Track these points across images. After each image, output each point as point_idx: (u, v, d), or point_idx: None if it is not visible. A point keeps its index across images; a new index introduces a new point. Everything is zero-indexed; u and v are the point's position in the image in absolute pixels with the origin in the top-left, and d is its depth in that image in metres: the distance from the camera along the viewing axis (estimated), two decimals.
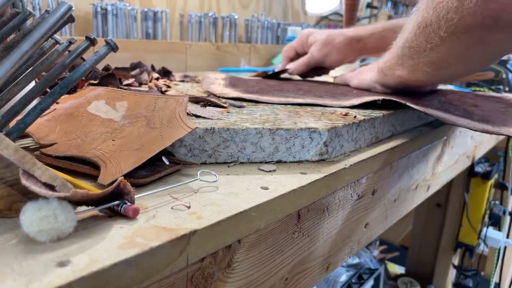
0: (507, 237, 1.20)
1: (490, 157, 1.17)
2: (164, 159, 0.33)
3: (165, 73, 0.75)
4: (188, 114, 0.40)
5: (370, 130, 0.46)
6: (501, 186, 1.19)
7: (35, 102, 0.31)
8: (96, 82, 0.54)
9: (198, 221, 0.25)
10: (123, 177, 0.25)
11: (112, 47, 0.32)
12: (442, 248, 1.15)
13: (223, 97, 0.53)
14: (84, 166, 0.32)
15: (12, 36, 0.33)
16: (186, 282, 0.25)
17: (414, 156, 0.55)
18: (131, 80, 0.62)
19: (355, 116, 0.45)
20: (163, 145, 0.31)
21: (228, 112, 0.44)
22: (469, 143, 0.81)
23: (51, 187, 0.23)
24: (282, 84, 0.69)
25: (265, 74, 0.83)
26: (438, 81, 0.57)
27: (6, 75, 0.26)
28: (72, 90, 0.50)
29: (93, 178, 0.31)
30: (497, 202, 1.25)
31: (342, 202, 0.41)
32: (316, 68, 0.81)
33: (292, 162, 0.38)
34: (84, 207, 0.25)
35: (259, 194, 0.30)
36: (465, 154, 0.81)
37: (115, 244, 0.22)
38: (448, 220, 1.12)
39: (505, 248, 1.16)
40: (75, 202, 0.23)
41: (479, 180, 1.06)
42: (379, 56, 0.59)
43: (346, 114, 0.46)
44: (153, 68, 0.78)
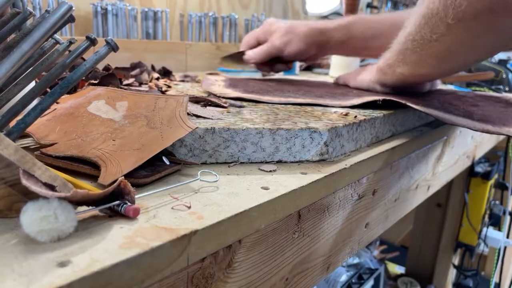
0: (507, 237, 1.20)
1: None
2: (165, 159, 0.33)
3: (165, 73, 0.75)
4: (189, 114, 0.40)
5: (371, 130, 0.46)
6: (501, 186, 1.19)
7: (35, 102, 0.31)
8: (96, 82, 0.54)
9: (199, 221, 0.25)
10: (124, 177, 0.25)
11: (112, 47, 0.32)
12: (442, 248, 1.15)
13: (223, 97, 0.53)
14: (84, 166, 0.31)
15: (12, 36, 0.33)
16: (187, 282, 0.25)
17: (414, 156, 0.55)
18: (131, 80, 0.62)
19: (356, 116, 0.45)
20: (164, 145, 0.31)
21: (229, 112, 0.44)
22: (469, 143, 0.81)
23: (52, 187, 0.23)
24: (282, 84, 0.69)
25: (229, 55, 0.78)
26: (440, 75, 0.57)
27: (6, 75, 0.26)
28: (72, 90, 0.50)
29: (93, 178, 0.31)
30: (497, 202, 1.25)
31: (343, 202, 0.41)
32: (274, 63, 0.75)
33: (293, 162, 0.38)
34: (85, 207, 0.25)
35: (260, 194, 0.30)
36: (465, 154, 0.81)
37: (116, 244, 0.22)
38: (448, 220, 1.12)
39: (505, 248, 1.16)
40: (76, 202, 0.23)
41: (479, 180, 1.06)
42: (347, 55, 0.57)
43: (347, 114, 0.46)
44: (153, 68, 0.78)
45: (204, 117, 0.40)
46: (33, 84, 0.35)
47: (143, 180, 0.30)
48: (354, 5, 1.03)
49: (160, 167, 0.32)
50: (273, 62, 0.75)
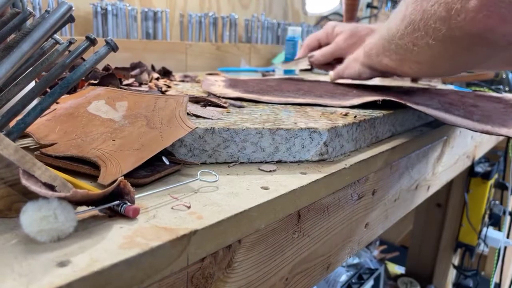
0: (507, 237, 1.20)
1: (490, 157, 1.17)
2: (164, 159, 0.33)
3: (165, 73, 0.75)
4: (188, 114, 0.40)
5: (370, 130, 0.46)
6: (501, 186, 1.19)
7: (35, 102, 0.31)
8: (96, 82, 0.54)
9: (198, 221, 0.25)
10: (123, 177, 0.25)
11: (112, 47, 0.32)
12: (442, 248, 1.15)
13: (223, 97, 0.53)
14: (84, 166, 0.32)
15: (12, 36, 0.33)
16: (187, 282, 0.25)
17: (414, 156, 0.55)
18: (131, 80, 0.62)
19: (355, 116, 0.45)
20: (163, 145, 0.31)
21: (228, 112, 0.44)
22: (469, 143, 0.81)
23: (51, 187, 0.23)
24: (282, 84, 0.69)
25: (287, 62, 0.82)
26: (426, 77, 0.58)
27: (6, 75, 0.26)
28: (72, 90, 0.50)
29: (93, 178, 0.31)
30: (497, 202, 1.25)
31: (342, 202, 0.41)
32: (335, 63, 0.78)
33: (292, 162, 0.38)
34: (84, 207, 0.25)
35: (259, 194, 0.30)
36: (465, 154, 0.81)
37: (115, 244, 0.22)
38: (448, 220, 1.12)
39: (505, 248, 1.16)
40: (75, 202, 0.23)
41: (479, 180, 1.06)
42: None
43: (346, 114, 0.46)
44: (153, 68, 0.78)
45: (204, 117, 0.40)
46: (33, 84, 0.35)
47: (143, 180, 0.30)
48: (354, 5, 1.03)
49: (160, 167, 0.32)
50: (334, 63, 0.78)
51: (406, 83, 0.92)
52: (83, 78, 0.52)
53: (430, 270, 1.19)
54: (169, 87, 0.62)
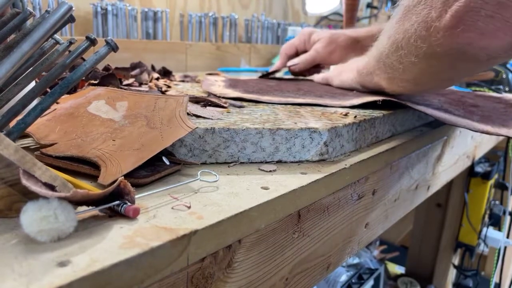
0: (507, 237, 1.20)
1: (490, 157, 1.17)
2: (164, 159, 0.33)
3: (165, 73, 0.76)
4: (188, 114, 0.40)
5: (370, 130, 0.46)
6: (501, 186, 1.19)
7: (35, 102, 0.31)
8: (96, 82, 0.54)
9: (199, 221, 0.25)
10: (123, 177, 0.25)
11: (112, 47, 0.32)
12: (442, 248, 1.15)
13: (223, 97, 0.53)
14: (84, 166, 0.32)
15: (12, 36, 0.33)
16: (187, 282, 0.25)
17: (414, 156, 0.55)
18: (131, 80, 0.62)
19: (355, 116, 0.45)
20: (163, 145, 0.31)
21: (228, 112, 0.44)
22: (469, 143, 0.81)
23: (52, 187, 0.23)
24: (282, 84, 0.69)
25: (262, 74, 0.84)
26: (416, 94, 0.58)
27: (6, 75, 0.26)
28: (72, 90, 0.50)
29: (93, 178, 0.31)
30: (497, 202, 1.25)
31: (342, 202, 0.41)
32: (312, 68, 0.82)
33: (293, 162, 0.38)
34: (85, 207, 0.25)
35: (260, 194, 0.30)
36: (465, 154, 0.81)
37: (116, 244, 0.22)
38: (448, 220, 1.12)
39: (505, 248, 1.16)
40: (76, 202, 0.23)
41: (479, 180, 1.06)
42: None
43: (346, 114, 0.46)
44: (153, 68, 0.78)
45: (204, 117, 0.40)
46: (33, 84, 0.35)
47: (143, 180, 0.30)
48: (354, 5, 1.03)
49: (160, 167, 0.32)
50: (312, 67, 0.82)
51: None
52: (83, 78, 0.52)
53: (430, 270, 1.19)
54: (169, 87, 0.62)
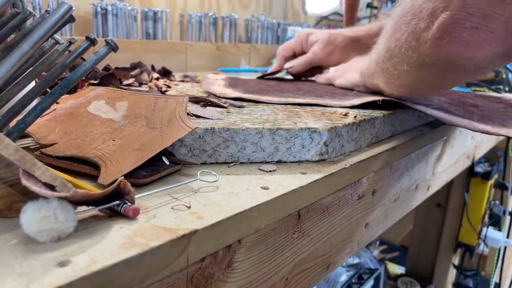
0: (507, 237, 1.20)
1: (490, 157, 1.17)
2: (164, 159, 0.33)
3: (165, 73, 0.76)
4: (188, 114, 0.40)
5: (370, 130, 0.46)
6: (501, 186, 1.19)
7: (35, 102, 0.31)
8: (96, 82, 0.54)
9: (198, 221, 0.25)
10: (123, 177, 0.25)
11: (112, 47, 0.32)
12: (442, 248, 1.15)
13: (223, 97, 0.53)
14: (84, 166, 0.32)
15: (12, 36, 0.33)
16: (187, 282, 0.25)
17: (414, 156, 0.55)
18: (131, 80, 0.62)
19: (355, 116, 0.45)
20: (163, 145, 0.31)
21: (228, 112, 0.44)
22: (469, 143, 0.81)
23: (52, 187, 0.23)
24: (282, 84, 0.69)
25: (261, 75, 0.83)
26: (414, 97, 0.59)
27: (6, 75, 0.26)
28: (72, 90, 0.50)
29: (93, 178, 0.31)
30: (497, 202, 1.25)
31: (342, 202, 0.41)
32: (312, 68, 0.80)
33: (292, 162, 0.38)
34: (85, 207, 0.25)
35: (259, 194, 0.30)
36: (465, 154, 0.81)
37: (116, 244, 0.22)
38: (448, 220, 1.12)
39: (505, 248, 1.16)
40: (75, 202, 0.23)
41: (479, 180, 1.06)
42: None
43: (346, 114, 0.46)
44: (153, 68, 0.78)
45: (204, 117, 0.40)
46: (33, 84, 0.35)
47: (143, 180, 0.30)
48: (354, 5, 1.03)
49: (160, 167, 0.32)
50: (311, 69, 0.81)
51: None
52: (83, 78, 0.52)
53: (430, 270, 1.19)
54: (169, 87, 0.62)
